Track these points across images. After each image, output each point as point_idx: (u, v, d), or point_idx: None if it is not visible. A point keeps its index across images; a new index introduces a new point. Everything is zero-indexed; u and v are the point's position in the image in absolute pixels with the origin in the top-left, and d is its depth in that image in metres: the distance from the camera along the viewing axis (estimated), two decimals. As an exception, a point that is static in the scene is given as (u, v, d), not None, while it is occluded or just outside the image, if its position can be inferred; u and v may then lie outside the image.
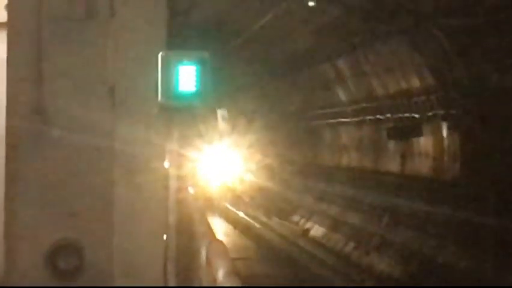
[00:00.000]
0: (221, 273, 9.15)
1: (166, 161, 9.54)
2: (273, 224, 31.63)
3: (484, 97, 18.23)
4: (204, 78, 8.73)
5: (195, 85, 8.72)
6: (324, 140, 31.43)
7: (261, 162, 36.21)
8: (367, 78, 25.07)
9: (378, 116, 24.96)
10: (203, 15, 25.02)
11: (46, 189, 8.72)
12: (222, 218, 33.91)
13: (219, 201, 36.42)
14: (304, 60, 29.25)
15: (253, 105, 38.92)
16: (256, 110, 38.21)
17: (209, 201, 33.27)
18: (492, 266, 17.47)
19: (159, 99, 8.64)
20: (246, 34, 27.75)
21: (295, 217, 31.81)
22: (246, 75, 35.70)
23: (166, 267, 9.04)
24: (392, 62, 22.58)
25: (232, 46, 29.79)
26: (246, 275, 21.44)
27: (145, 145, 8.85)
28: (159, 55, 8.63)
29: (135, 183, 8.85)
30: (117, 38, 8.85)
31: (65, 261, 8.67)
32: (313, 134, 32.52)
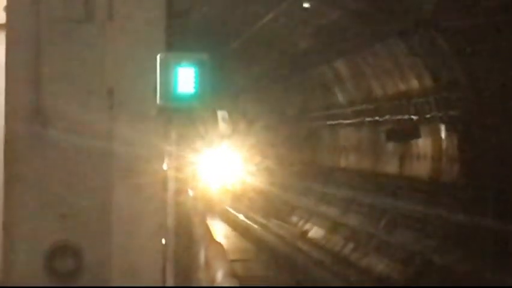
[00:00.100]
0: (219, 275, 9.16)
1: (165, 163, 9.53)
2: (271, 226, 31.61)
3: (483, 99, 18.23)
4: (203, 79, 8.73)
5: (194, 87, 8.71)
6: (324, 142, 31.41)
7: (261, 163, 36.12)
8: (366, 79, 25.08)
9: (377, 117, 24.96)
10: (203, 16, 25.01)
11: (45, 190, 8.72)
12: (222, 220, 33.85)
13: (218, 203, 36.34)
14: (304, 61, 29.24)
15: (254, 107, 38.86)
16: (257, 112, 38.16)
17: (209, 203, 33.17)
18: (491, 267, 17.46)
19: (158, 100, 8.63)
20: (246, 35, 27.74)
21: (294, 218, 31.79)
22: (246, 77, 35.68)
23: (165, 269, 9.04)
24: (391, 64, 22.59)
25: (232, 48, 29.78)
26: (245, 276, 21.42)
27: (143, 147, 8.85)
28: (158, 57, 8.63)
29: (134, 184, 8.84)
30: (116, 39, 8.85)
31: (63, 263, 8.67)
32: (313, 136, 32.49)
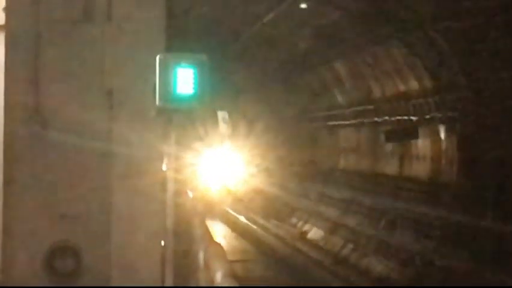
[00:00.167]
0: (219, 275, 9.16)
1: (164, 164, 9.52)
2: (271, 227, 31.60)
3: (482, 99, 18.24)
4: (202, 80, 8.72)
5: (193, 87, 8.71)
6: (323, 143, 31.41)
7: (261, 164, 36.05)
8: (365, 80, 25.08)
9: (376, 118, 24.96)
10: (203, 17, 25.01)
11: (44, 191, 8.72)
12: (222, 222, 33.78)
13: (219, 205, 36.27)
14: (304, 62, 29.23)
15: (254, 108, 38.81)
16: (257, 112, 38.10)
17: (209, 205, 33.09)
18: (491, 268, 17.47)
19: (157, 101, 8.62)
20: (246, 36, 27.73)
21: (293, 219, 31.80)
22: (246, 77, 35.66)
23: (164, 269, 9.03)
24: (389, 65, 22.59)
25: (232, 48, 29.77)
26: (244, 277, 21.42)
27: (143, 148, 8.85)
28: (157, 57, 8.63)
29: (133, 185, 8.84)
30: (115, 40, 8.85)
31: (63, 263, 8.67)
32: (313, 136, 32.49)
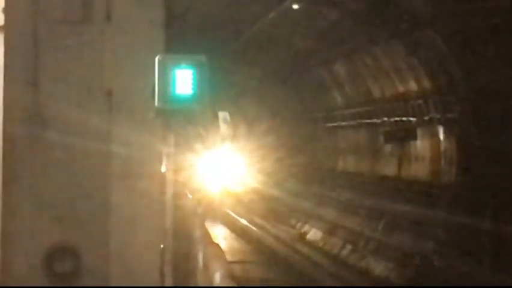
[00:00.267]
0: (217, 276, 9.16)
1: (164, 165, 9.52)
2: (270, 228, 31.60)
3: (481, 100, 18.24)
4: (201, 81, 8.72)
5: (192, 88, 8.71)
6: (323, 144, 31.42)
7: (261, 164, 36.00)
8: (365, 81, 25.10)
9: (375, 119, 24.98)
10: (202, 17, 25.00)
11: (43, 192, 8.72)
12: (222, 223, 33.71)
13: (219, 206, 36.18)
14: (303, 63, 29.24)
15: (254, 108, 38.78)
16: (257, 113, 38.08)
17: (209, 206, 32.99)
18: (489, 269, 17.47)
19: (156, 102, 8.62)
20: (246, 36, 27.74)
21: (292, 220, 31.81)
22: (247, 78, 35.66)
23: (163, 270, 9.03)
24: (389, 66, 22.60)
25: (232, 49, 29.77)
26: (243, 278, 21.42)
27: (142, 149, 8.85)
28: (156, 58, 8.63)
29: (132, 186, 8.84)
30: (114, 41, 8.85)
31: (62, 264, 8.67)
32: (313, 137, 32.49)
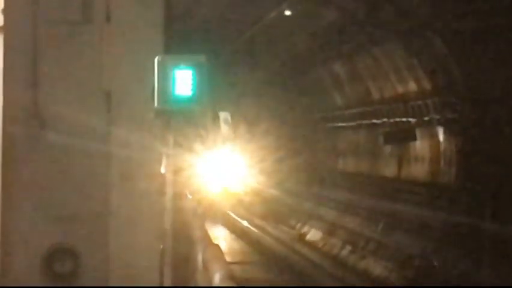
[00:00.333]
0: (217, 277, 9.17)
1: (163, 166, 9.51)
2: (270, 229, 31.60)
3: (481, 101, 18.24)
4: (201, 82, 8.71)
5: (192, 89, 8.70)
6: (323, 145, 31.42)
7: (262, 166, 35.92)
8: (364, 82, 25.12)
9: (375, 120, 24.99)
10: (203, 18, 25.01)
11: (42, 192, 8.71)
12: (222, 224, 33.65)
13: (219, 207, 36.09)
14: (304, 64, 29.26)
15: (255, 110, 38.73)
16: (258, 114, 38.03)
17: (209, 207, 32.89)
18: (489, 269, 17.47)
19: (156, 103, 8.61)
20: (246, 37, 27.76)
21: (292, 221, 31.82)
22: (248, 79, 35.64)
23: (162, 271, 9.03)
24: (388, 67, 22.60)
25: (233, 50, 29.78)
26: (243, 278, 21.41)
27: (141, 150, 8.83)
28: (156, 59, 8.63)
29: (131, 188, 8.83)
30: (113, 41, 8.84)
31: (61, 265, 8.66)
32: (313, 138, 32.50)
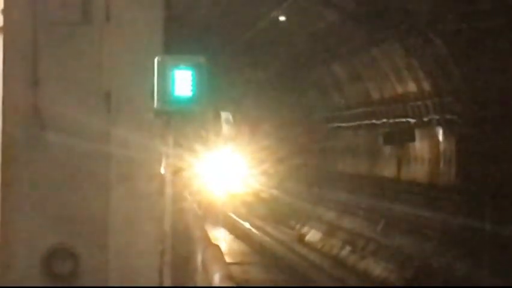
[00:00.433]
0: (217, 278, 9.17)
1: (163, 167, 9.51)
2: (270, 230, 31.62)
3: (481, 101, 18.25)
4: (201, 82, 8.71)
5: (191, 89, 8.70)
6: (323, 145, 31.43)
7: (263, 166, 35.90)
8: (364, 83, 25.13)
9: (375, 120, 25.00)
10: (204, 18, 25.02)
11: (42, 193, 8.70)
12: (222, 225, 33.59)
13: (219, 208, 36.04)
14: (304, 65, 29.27)
15: (256, 110, 38.73)
16: (259, 115, 38.04)
17: (210, 208, 32.83)
18: (489, 270, 17.48)
19: (155, 103, 8.62)
20: (247, 37, 27.78)
21: (292, 221, 31.84)
22: (249, 79, 35.66)
23: (162, 272, 9.03)
24: (388, 67, 22.61)
25: (234, 50, 29.79)
26: (242, 279, 21.42)
27: (141, 150, 8.83)
28: (155, 59, 8.63)
29: (131, 188, 8.83)
30: (113, 42, 8.84)
31: (61, 265, 8.66)
32: (313, 139, 32.49)
